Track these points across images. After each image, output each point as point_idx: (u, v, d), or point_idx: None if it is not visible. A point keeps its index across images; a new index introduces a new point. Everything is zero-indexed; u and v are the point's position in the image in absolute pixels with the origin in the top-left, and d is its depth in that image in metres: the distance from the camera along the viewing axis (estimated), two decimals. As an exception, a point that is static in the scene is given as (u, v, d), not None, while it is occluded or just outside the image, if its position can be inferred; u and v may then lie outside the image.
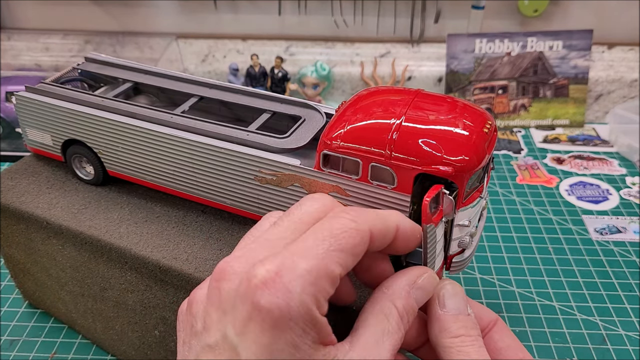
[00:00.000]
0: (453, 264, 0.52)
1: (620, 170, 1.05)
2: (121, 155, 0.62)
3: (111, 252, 0.57)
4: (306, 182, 0.53)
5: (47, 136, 0.66)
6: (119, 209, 0.62)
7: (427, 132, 0.47)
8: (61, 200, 0.63)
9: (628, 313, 0.74)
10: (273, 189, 0.55)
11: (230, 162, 0.55)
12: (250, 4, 1.25)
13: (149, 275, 0.57)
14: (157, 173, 0.60)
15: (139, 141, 0.59)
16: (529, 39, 1.19)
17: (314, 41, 1.26)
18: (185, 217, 0.61)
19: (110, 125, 0.60)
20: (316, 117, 0.59)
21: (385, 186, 0.49)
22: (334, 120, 0.52)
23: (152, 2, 1.26)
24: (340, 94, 1.24)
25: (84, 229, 0.59)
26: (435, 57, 1.23)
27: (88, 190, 0.65)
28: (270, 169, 0.54)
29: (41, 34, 1.28)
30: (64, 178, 0.66)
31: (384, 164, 0.48)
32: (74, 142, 0.64)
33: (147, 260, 0.56)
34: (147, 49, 1.22)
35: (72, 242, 0.60)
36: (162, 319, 0.60)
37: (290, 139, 0.55)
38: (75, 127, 0.63)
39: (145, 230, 0.59)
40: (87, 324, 0.69)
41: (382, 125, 0.48)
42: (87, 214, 0.61)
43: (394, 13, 1.22)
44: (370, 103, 0.52)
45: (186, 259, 0.55)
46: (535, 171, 1.05)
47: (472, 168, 0.46)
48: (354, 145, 0.48)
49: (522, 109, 1.20)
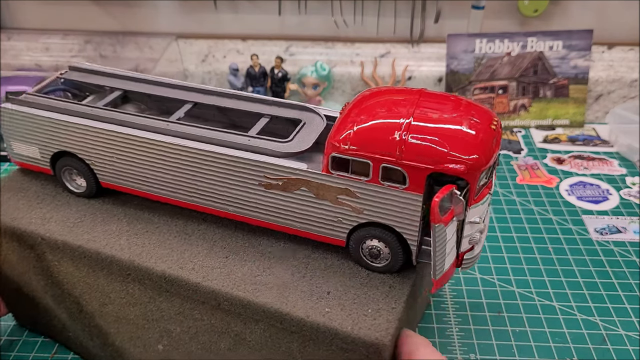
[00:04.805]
0: (464, 261, 0.52)
1: (620, 170, 1.05)
2: (115, 166, 0.60)
3: (112, 264, 0.56)
4: (314, 185, 0.52)
5: (34, 149, 0.63)
6: (117, 220, 0.60)
7: (437, 131, 0.47)
8: (54, 214, 0.61)
9: (628, 313, 0.74)
10: (279, 194, 0.54)
11: (234, 168, 0.55)
12: (250, 4, 1.25)
13: (153, 286, 0.56)
14: (155, 183, 0.59)
15: (135, 151, 0.58)
16: (529, 39, 1.19)
17: (314, 41, 1.26)
18: (186, 226, 0.60)
19: (104, 135, 0.58)
20: (316, 120, 0.58)
21: (396, 187, 0.49)
22: (339, 122, 0.51)
23: (152, 2, 1.26)
24: (340, 94, 1.24)
25: (82, 242, 0.57)
26: (435, 57, 1.23)
27: (81, 203, 0.63)
28: (276, 174, 0.53)
29: (41, 34, 1.28)
30: (54, 192, 0.64)
31: (395, 164, 0.48)
32: (64, 154, 0.62)
33: (152, 271, 0.54)
34: (147, 49, 1.22)
35: (70, 257, 0.58)
36: (166, 331, 0.58)
37: (293, 142, 0.55)
38: (66, 138, 0.60)
39: (147, 241, 0.58)
40: (84, 341, 0.66)
41: (392, 126, 0.48)
42: (83, 228, 0.59)
43: (394, 13, 1.22)
44: (375, 104, 0.52)
45: (192, 268, 0.54)
46: (535, 171, 1.05)
47: (483, 165, 0.47)
48: (364, 146, 0.48)
49: (522, 109, 1.20)
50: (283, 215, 0.55)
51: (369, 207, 0.51)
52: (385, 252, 0.53)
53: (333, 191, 0.52)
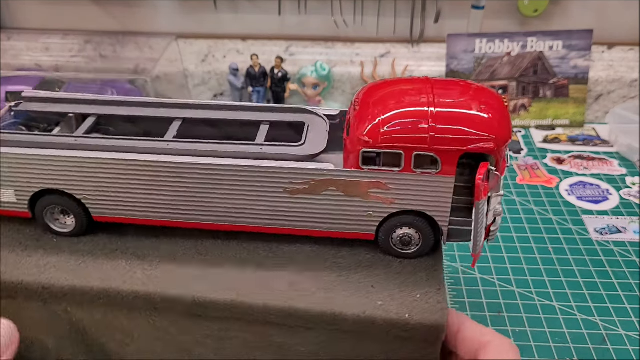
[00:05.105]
0: (491, 233, 0.54)
1: (620, 170, 1.05)
2: (114, 197, 0.55)
3: (136, 300, 0.52)
4: (342, 184, 0.52)
5: (8, 192, 0.56)
6: (121, 254, 0.56)
7: (461, 114, 0.50)
8: (49, 259, 0.55)
9: (628, 313, 0.74)
10: (305, 198, 0.53)
11: (254, 179, 0.53)
12: (250, 4, 1.24)
13: (184, 314, 0.52)
14: (163, 207, 0.55)
15: (138, 176, 0.54)
16: (529, 39, 1.19)
17: (314, 41, 1.26)
18: (198, 248, 0.57)
19: (99, 166, 0.54)
20: (317, 120, 0.58)
21: (429, 172, 0.51)
22: (358, 118, 0.51)
23: (152, 2, 1.26)
24: (340, 94, 1.24)
25: (95, 283, 0.52)
26: (435, 57, 1.23)
27: (72, 243, 0.57)
28: (302, 178, 0.52)
29: (41, 34, 1.28)
30: (36, 235, 0.58)
31: (427, 150, 0.49)
32: (46, 193, 0.56)
33: (183, 298, 0.51)
34: (147, 49, 1.22)
35: (79, 302, 0.53)
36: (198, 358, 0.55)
37: (307, 145, 0.54)
38: (49, 175, 0.55)
39: (164, 270, 0.54)
40: None
41: (418, 114, 0.50)
42: (88, 268, 0.54)
43: (394, 13, 1.22)
44: (387, 95, 0.53)
45: (225, 287, 0.52)
46: (535, 171, 1.05)
47: (507, 140, 0.50)
48: (396, 138, 0.50)
49: (522, 109, 1.20)
50: (309, 219, 0.55)
51: (400, 196, 0.52)
52: (416, 237, 0.55)
53: (364, 186, 0.52)
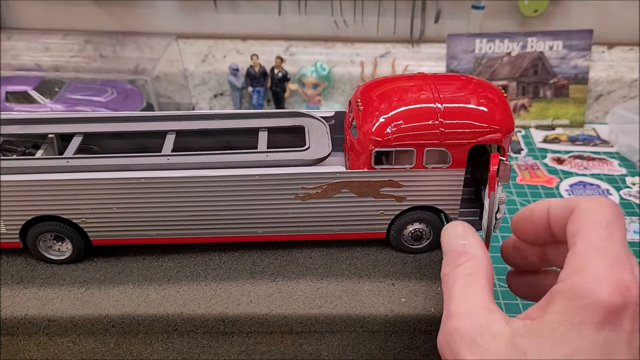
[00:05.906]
0: (496, 221, 0.55)
1: (620, 170, 1.05)
2: (115, 218, 0.53)
3: (153, 324, 0.50)
4: (355, 185, 0.52)
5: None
6: (127, 278, 0.53)
7: (467, 108, 0.51)
8: (50, 291, 0.52)
9: (628, 313, 0.74)
10: (317, 202, 0.53)
11: (264, 188, 0.52)
12: (250, 4, 1.24)
13: (207, 333, 0.51)
14: (169, 224, 0.54)
15: (142, 195, 0.52)
16: (529, 39, 1.19)
17: (314, 41, 1.26)
18: (208, 263, 0.55)
19: (98, 187, 0.51)
20: (315, 123, 0.58)
21: (440, 167, 0.51)
22: (364, 118, 0.52)
23: (152, 2, 1.26)
24: (340, 94, 1.24)
25: (108, 310, 0.50)
26: (435, 57, 1.23)
27: (70, 270, 0.54)
28: (315, 182, 0.52)
29: (41, 34, 1.28)
30: (30, 266, 0.55)
31: (438, 146, 0.50)
32: (39, 220, 0.53)
33: (207, 317, 0.50)
34: (147, 49, 1.22)
35: (90, 332, 0.50)
36: None
37: (313, 149, 0.54)
38: (44, 200, 0.52)
39: (179, 290, 0.52)
40: None
41: (426, 110, 0.50)
42: (96, 295, 0.51)
43: (394, 13, 1.22)
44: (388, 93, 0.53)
45: (250, 301, 0.51)
46: (536, 171, 1.05)
47: (511, 129, 0.51)
48: (407, 135, 0.50)
49: (522, 109, 1.20)
50: (322, 223, 0.55)
51: (412, 193, 0.53)
52: (427, 232, 0.56)
53: (376, 185, 0.53)
